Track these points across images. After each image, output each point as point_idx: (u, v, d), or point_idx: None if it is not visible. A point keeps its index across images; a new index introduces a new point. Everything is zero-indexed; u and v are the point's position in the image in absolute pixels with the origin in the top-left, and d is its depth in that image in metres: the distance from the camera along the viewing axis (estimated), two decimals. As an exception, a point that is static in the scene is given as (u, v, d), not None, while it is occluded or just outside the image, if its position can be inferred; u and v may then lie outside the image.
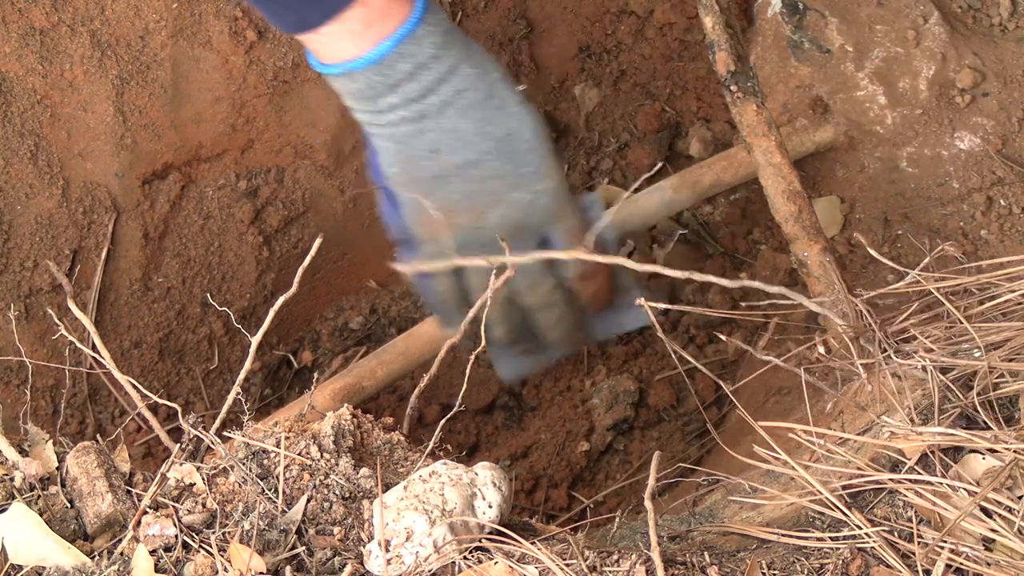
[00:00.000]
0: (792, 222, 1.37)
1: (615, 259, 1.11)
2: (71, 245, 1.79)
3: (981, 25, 1.83)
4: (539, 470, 1.84)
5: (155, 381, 1.88)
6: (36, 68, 1.74)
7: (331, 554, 1.01)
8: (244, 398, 1.12)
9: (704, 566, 1.00)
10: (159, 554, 1.00)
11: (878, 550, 0.99)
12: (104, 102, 1.77)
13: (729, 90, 1.43)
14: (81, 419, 1.83)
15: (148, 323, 1.86)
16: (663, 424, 1.88)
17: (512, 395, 1.92)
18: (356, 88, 1.40)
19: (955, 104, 1.77)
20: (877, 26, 1.81)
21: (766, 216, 1.83)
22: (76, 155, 1.78)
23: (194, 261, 1.88)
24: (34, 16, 1.73)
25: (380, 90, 1.38)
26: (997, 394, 1.10)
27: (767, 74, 1.86)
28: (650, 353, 1.93)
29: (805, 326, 1.58)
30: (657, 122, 2.05)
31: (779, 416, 1.46)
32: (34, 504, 1.05)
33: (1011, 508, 0.98)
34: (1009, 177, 1.72)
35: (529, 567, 0.97)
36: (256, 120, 1.86)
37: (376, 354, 1.74)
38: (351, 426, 1.11)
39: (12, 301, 1.75)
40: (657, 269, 1.10)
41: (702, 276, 1.09)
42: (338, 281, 2.03)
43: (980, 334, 1.15)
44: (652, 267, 1.09)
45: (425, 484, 1.02)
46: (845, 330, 1.22)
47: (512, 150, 1.41)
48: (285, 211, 1.92)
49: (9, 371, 1.77)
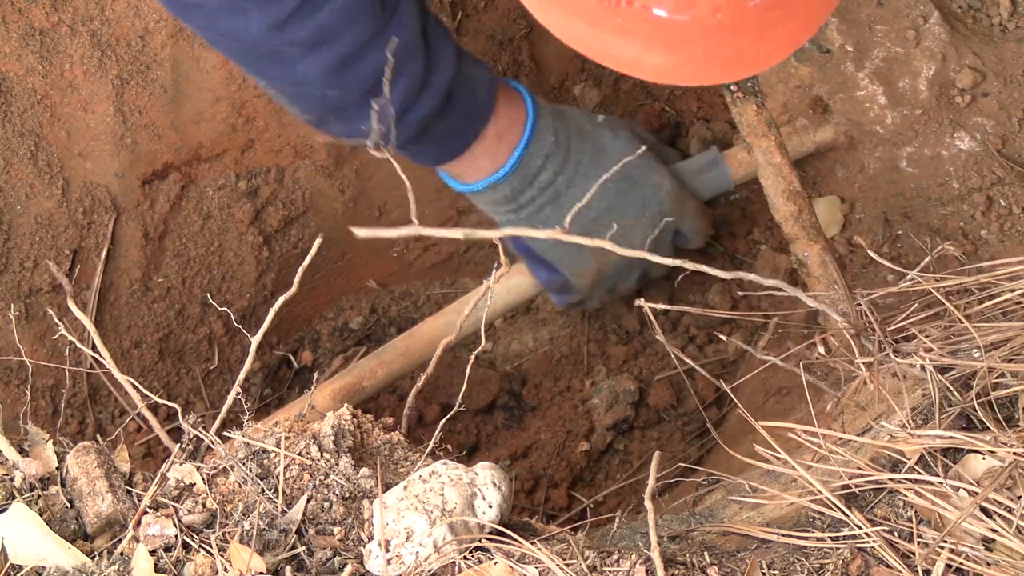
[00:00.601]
0: (792, 222, 1.37)
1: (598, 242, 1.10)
2: (71, 245, 1.79)
3: (981, 25, 1.83)
4: (539, 470, 1.84)
5: (155, 381, 1.88)
6: (36, 68, 1.74)
7: (331, 554, 1.01)
8: (244, 398, 1.12)
9: (704, 566, 1.00)
10: (159, 554, 1.00)
11: (878, 550, 0.99)
12: (104, 102, 1.77)
13: (729, 90, 1.44)
14: (81, 419, 1.83)
15: (148, 323, 1.86)
16: (663, 424, 1.88)
17: (512, 395, 1.92)
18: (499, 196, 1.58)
19: (955, 104, 1.77)
20: (877, 26, 1.81)
21: (766, 216, 1.82)
22: (76, 155, 1.78)
23: (194, 261, 1.88)
24: (34, 16, 1.73)
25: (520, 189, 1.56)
26: (997, 394, 1.10)
27: (767, 74, 1.86)
28: (650, 353, 1.93)
29: (805, 326, 1.58)
30: (657, 122, 2.05)
31: (779, 416, 1.47)
32: (34, 504, 1.05)
33: (1011, 508, 0.98)
34: (1009, 177, 1.72)
35: (529, 567, 0.98)
36: (256, 120, 1.86)
37: (376, 354, 1.74)
38: (351, 426, 1.11)
39: (12, 301, 1.75)
40: (647, 256, 1.10)
41: (693, 265, 1.09)
42: (338, 281, 2.03)
43: (980, 334, 1.15)
44: (641, 253, 1.09)
45: (425, 484, 1.02)
46: (845, 328, 1.22)
47: (629, 178, 1.61)
48: (285, 211, 1.92)
49: (9, 371, 1.77)
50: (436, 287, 2.05)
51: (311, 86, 1.38)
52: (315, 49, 1.34)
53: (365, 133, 1.44)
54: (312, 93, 1.40)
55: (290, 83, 1.40)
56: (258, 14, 1.32)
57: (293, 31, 1.33)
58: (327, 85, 1.38)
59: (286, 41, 1.34)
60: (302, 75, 1.37)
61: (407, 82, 1.41)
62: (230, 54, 1.45)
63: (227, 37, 1.37)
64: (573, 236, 1.10)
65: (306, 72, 1.36)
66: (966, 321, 1.16)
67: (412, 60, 1.41)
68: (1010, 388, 1.10)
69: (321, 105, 1.42)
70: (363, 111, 1.40)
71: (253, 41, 1.35)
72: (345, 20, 1.33)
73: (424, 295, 2.04)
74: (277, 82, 1.42)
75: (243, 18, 1.32)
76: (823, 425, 1.17)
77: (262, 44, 1.35)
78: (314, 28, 1.33)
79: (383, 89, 1.37)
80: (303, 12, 1.32)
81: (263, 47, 1.35)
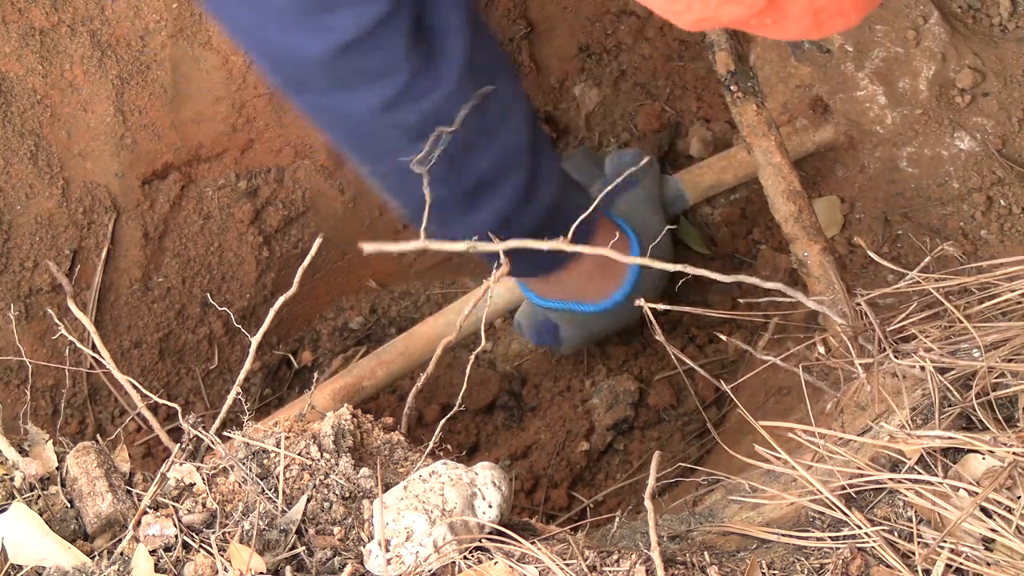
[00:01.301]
0: (792, 222, 1.37)
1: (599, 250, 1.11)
2: (71, 245, 1.79)
3: (981, 25, 1.83)
4: (539, 470, 1.84)
5: (155, 381, 1.88)
6: (36, 68, 1.74)
7: (331, 554, 1.01)
8: (244, 398, 1.12)
9: (704, 566, 1.00)
10: (159, 554, 1.00)
11: (878, 550, 0.99)
12: (104, 102, 1.77)
13: (729, 90, 1.44)
14: (81, 419, 1.83)
15: (148, 323, 1.86)
16: (663, 424, 1.88)
17: (512, 395, 1.92)
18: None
19: (955, 104, 1.77)
20: (877, 26, 1.81)
21: (766, 216, 1.82)
22: (76, 155, 1.78)
23: (194, 261, 1.88)
24: (34, 16, 1.73)
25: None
26: (996, 394, 1.10)
27: (767, 74, 1.86)
28: (650, 353, 1.93)
29: (805, 326, 1.58)
30: (657, 122, 2.05)
31: (779, 416, 1.46)
32: (34, 504, 1.05)
33: (1010, 508, 0.98)
34: (1009, 177, 1.72)
35: (529, 567, 0.98)
36: (256, 120, 1.86)
37: (376, 354, 1.74)
38: (351, 426, 1.11)
39: (12, 301, 1.75)
40: (647, 262, 1.10)
41: (694, 270, 1.09)
42: (338, 281, 2.03)
43: (980, 334, 1.15)
44: (642, 260, 1.09)
45: (425, 484, 1.02)
46: (844, 329, 1.22)
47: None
48: (285, 211, 1.92)
49: (9, 371, 1.77)
50: (436, 287, 2.05)
51: (414, 178, 1.32)
52: (420, 139, 1.27)
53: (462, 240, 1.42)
54: (415, 185, 1.31)
55: (395, 173, 1.37)
56: (366, 94, 1.30)
57: (400, 113, 1.31)
58: (431, 179, 1.31)
59: (392, 123, 1.32)
60: (406, 165, 1.31)
61: (511, 192, 1.41)
62: (338, 137, 1.43)
63: (334, 117, 1.36)
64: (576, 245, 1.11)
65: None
66: (966, 321, 1.16)
67: (516, 168, 1.40)
68: (1010, 388, 1.10)
69: (422, 199, 1.35)
70: (462, 218, 1.39)
71: (360, 120, 1.33)
72: (448, 112, 1.28)
73: (424, 295, 2.04)
74: (384, 172, 1.40)
75: (351, 96, 1.31)
76: (823, 425, 1.17)
77: (368, 124, 1.33)
78: (419, 114, 1.31)
79: (487, 194, 1.37)
80: (409, 96, 1.30)
81: (370, 128, 1.34)
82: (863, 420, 1.16)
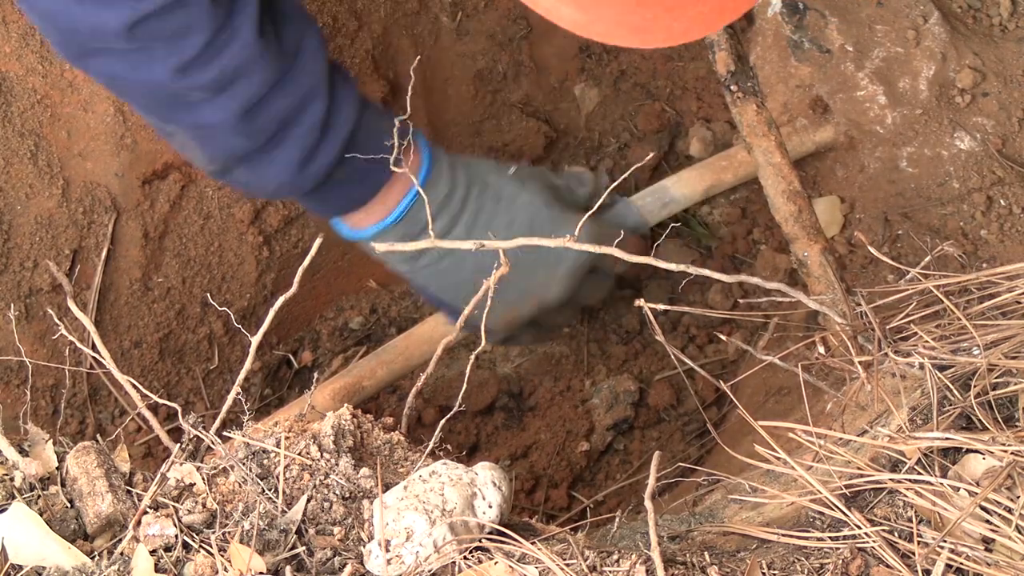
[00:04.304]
0: (792, 222, 1.38)
1: (606, 249, 1.12)
2: (71, 245, 1.79)
3: (981, 25, 1.83)
4: (539, 470, 1.84)
5: (155, 381, 1.88)
6: (36, 68, 1.74)
7: (331, 554, 1.01)
8: (244, 398, 1.12)
9: (704, 566, 1.00)
10: (159, 554, 1.00)
11: (878, 550, 0.99)
12: (104, 102, 1.77)
13: (729, 90, 1.44)
14: (81, 419, 1.83)
15: (148, 323, 1.86)
16: (663, 424, 1.88)
17: (512, 395, 1.92)
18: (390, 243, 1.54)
19: (955, 104, 1.77)
20: (877, 26, 1.81)
21: (766, 216, 1.83)
22: (76, 155, 1.78)
23: (194, 261, 1.88)
24: (34, 16, 1.73)
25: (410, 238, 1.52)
26: (996, 394, 1.10)
27: (767, 74, 1.86)
28: (650, 353, 1.93)
29: (805, 326, 1.58)
30: (657, 122, 2.05)
31: (779, 416, 1.47)
32: (34, 504, 1.05)
33: (1010, 508, 0.98)
34: (1009, 177, 1.72)
35: (529, 567, 0.98)
36: (256, 120, 1.86)
37: (376, 354, 1.74)
38: (351, 426, 1.11)
39: (12, 301, 1.75)
40: (652, 261, 1.10)
41: (697, 270, 1.09)
42: (338, 281, 2.03)
43: (979, 333, 1.15)
44: (646, 259, 1.10)
45: (425, 484, 1.02)
46: (844, 328, 1.23)
47: (539, 232, 1.53)
48: (285, 211, 1.92)
49: (9, 371, 1.77)
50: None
51: (216, 132, 1.37)
52: (219, 94, 1.33)
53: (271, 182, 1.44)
54: (217, 140, 1.39)
55: (195, 129, 1.39)
56: (164, 57, 1.30)
57: (198, 74, 1.32)
58: (232, 131, 1.37)
59: (191, 85, 1.33)
60: (207, 120, 1.36)
61: (309, 128, 1.40)
62: (135, 100, 1.43)
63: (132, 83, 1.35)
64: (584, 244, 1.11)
65: (211, 117, 1.36)
66: (966, 320, 1.16)
67: (313, 106, 1.40)
68: (1010, 388, 1.10)
69: (226, 152, 1.41)
70: (268, 158, 1.40)
71: (158, 84, 1.33)
72: (246, 64, 1.32)
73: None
74: (183, 129, 1.40)
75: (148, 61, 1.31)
76: (823, 425, 1.17)
77: (167, 87, 1.33)
78: (217, 72, 1.32)
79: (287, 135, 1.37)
80: (207, 55, 1.30)
81: (168, 90, 1.34)
82: (863, 420, 1.16)
